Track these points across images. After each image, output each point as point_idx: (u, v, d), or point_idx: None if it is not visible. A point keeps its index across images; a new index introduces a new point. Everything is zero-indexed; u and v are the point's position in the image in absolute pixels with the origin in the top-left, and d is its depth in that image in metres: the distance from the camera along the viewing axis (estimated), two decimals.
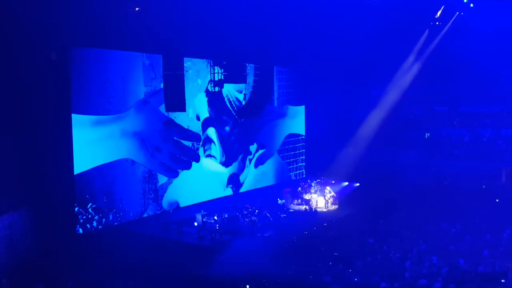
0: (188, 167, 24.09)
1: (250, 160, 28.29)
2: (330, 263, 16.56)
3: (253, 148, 28.39)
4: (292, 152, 31.88)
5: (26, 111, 17.56)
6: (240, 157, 27.42)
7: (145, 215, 21.99)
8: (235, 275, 16.83)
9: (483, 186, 30.41)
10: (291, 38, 24.58)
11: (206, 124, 24.88)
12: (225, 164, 26.50)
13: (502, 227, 19.41)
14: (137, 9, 18.72)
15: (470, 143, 33.44)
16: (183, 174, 23.84)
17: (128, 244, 20.06)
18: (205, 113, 24.63)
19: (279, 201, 26.71)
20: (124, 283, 17.76)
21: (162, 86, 20.67)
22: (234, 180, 27.09)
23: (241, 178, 27.62)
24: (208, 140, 25.23)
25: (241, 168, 27.63)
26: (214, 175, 25.77)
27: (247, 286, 15.04)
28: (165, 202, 22.94)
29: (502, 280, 13.10)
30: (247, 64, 20.91)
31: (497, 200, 25.86)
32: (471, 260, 15.27)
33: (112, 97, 20.30)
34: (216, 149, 25.72)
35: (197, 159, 24.58)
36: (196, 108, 24.05)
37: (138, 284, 16.73)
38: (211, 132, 25.20)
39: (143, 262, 18.74)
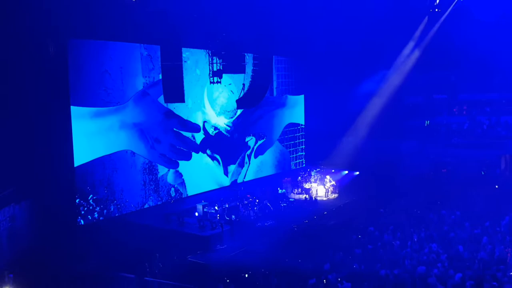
0: (188, 158, 24.14)
1: (250, 152, 28.33)
2: (331, 251, 16.64)
3: (252, 138, 28.41)
4: (292, 142, 31.91)
5: (25, 105, 17.53)
6: (241, 152, 27.56)
7: (146, 206, 22.08)
8: (235, 264, 16.97)
9: (482, 173, 30.51)
10: (289, 27, 24.47)
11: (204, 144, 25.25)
12: (228, 162, 26.81)
13: (501, 213, 19.48)
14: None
15: (470, 131, 33.47)
16: (184, 165, 23.89)
17: (129, 234, 20.20)
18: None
19: (280, 191, 26.79)
20: (126, 273, 17.93)
21: (160, 77, 20.65)
22: (235, 172, 27.19)
23: (243, 170, 27.75)
24: (211, 158, 25.72)
25: (242, 161, 27.72)
26: (215, 169, 25.86)
27: (246, 275, 15.14)
28: (165, 193, 23.02)
29: None
30: (245, 54, 20.87)
31: (496, 187, 25.93)
32: (470, 246, 15.36)
33: (111, 88, 20.30)
34: (219, 166, 26.16)
35: (197, 150, 24.62)
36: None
37: (140, 274, 16.87)
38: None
39: (145, 252, 18.89)
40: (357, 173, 30.00)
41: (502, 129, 32.29)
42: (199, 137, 24.76)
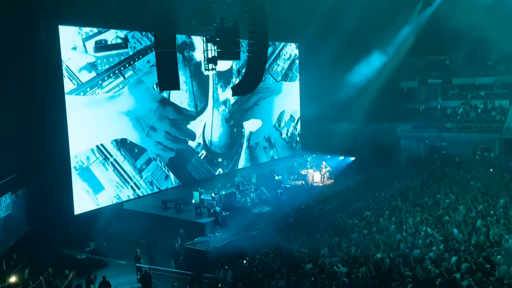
0: (184, 145, 24.14)
1: (246, 139, 28.36)
2: (327, 236, 16.77)
3: (248, 125, 28.41)
4: (288, 128, 31.96)
5: (20, 94, 17.53)
6: (237, 139, 27.58)
7: (143, 193, 22.08)
8: (233, 250, 17.08)
9: (477, 157, 30.70)
10: (285, 13, 24.34)
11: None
12: (224, 149, 26.82)
13: (495, 196, 19.64)
14: None
15: (464, 115, 33.62)
16: (181, 153, 23.89)
17: (127, 222, 20.29)
18: None
19: (276, 177, 26.88)
20: (124, 258, 18.10)
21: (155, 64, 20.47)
22: (231, 159, 27.24)
23: (239, 156, 27.81)
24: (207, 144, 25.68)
25: (238, 148, 27.77)
26: (211, 156, 25.90)
27: (244, 261, 15.25)
28: (162, 181, 23.03)
29: None
30: (241, 40, 20.78)
31: (491, 170, 26.11)
32: (465, 229, 15.50)
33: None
34: (215, 153, 26.03)
35: (193, 138, 24.61)
36: None
37: (133, 260, 17.04)
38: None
39: (142, 238, 19.02)
40: (353, 158, 30.12)
41: (497, 113, 32.43)
42: (195, 127, 24.74)
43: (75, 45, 19.02)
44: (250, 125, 28.54)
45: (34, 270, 15.24)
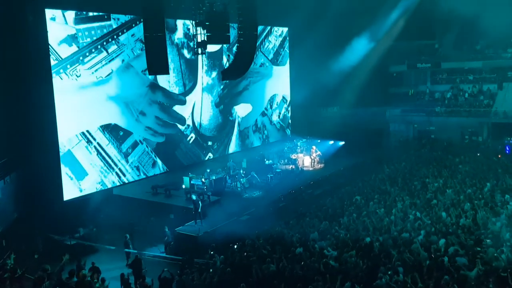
0: (174, 130, 23.99)
1: (236, 123, 28.27)
2: (317, 220, 16.88)
3: (238, 109, 28.31)
4: (278, 112, 31.92)
5: (7, 77, 17.27)
6: (227, 123, 27.48)
7: (129, 180, 21.90)
8: (223, 235, 17.14)
9: (465, 141, 31.01)
10: None
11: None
12: (214, 133, 26.72)
13: (483, 180, 19.88)
14: None
15: (453, 99, 33.84)
16: (170, 138, 23.75)
17: (116, 208, 20.21)
18: None
19: (266, 161, 26.93)
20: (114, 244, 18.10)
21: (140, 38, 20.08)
22: (221, 144, 27.18)
23: (229, 141, 27.75)
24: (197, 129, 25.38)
25: (228, 133, 27.68)
26: (201, 141, 25.81)
27: (235, 246, 15.30)
28: (149, 167, 22.92)
29: None
30: (230, 24, 20.61)
31: (478, 154, 26.39)
32: (452, 213, 15.69)
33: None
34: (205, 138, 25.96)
35: (183, 122, 24.47)
36: None
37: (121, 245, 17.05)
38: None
39: (132, 224, 19.01)
40: (343, 142, 30.25)
41: (485, 97, 32.69)
42: (184, 108, 24.57)
43: (53, 15, 18.18)
44: (240, 110, 28.44)
45: (24, 256, 15.19)
